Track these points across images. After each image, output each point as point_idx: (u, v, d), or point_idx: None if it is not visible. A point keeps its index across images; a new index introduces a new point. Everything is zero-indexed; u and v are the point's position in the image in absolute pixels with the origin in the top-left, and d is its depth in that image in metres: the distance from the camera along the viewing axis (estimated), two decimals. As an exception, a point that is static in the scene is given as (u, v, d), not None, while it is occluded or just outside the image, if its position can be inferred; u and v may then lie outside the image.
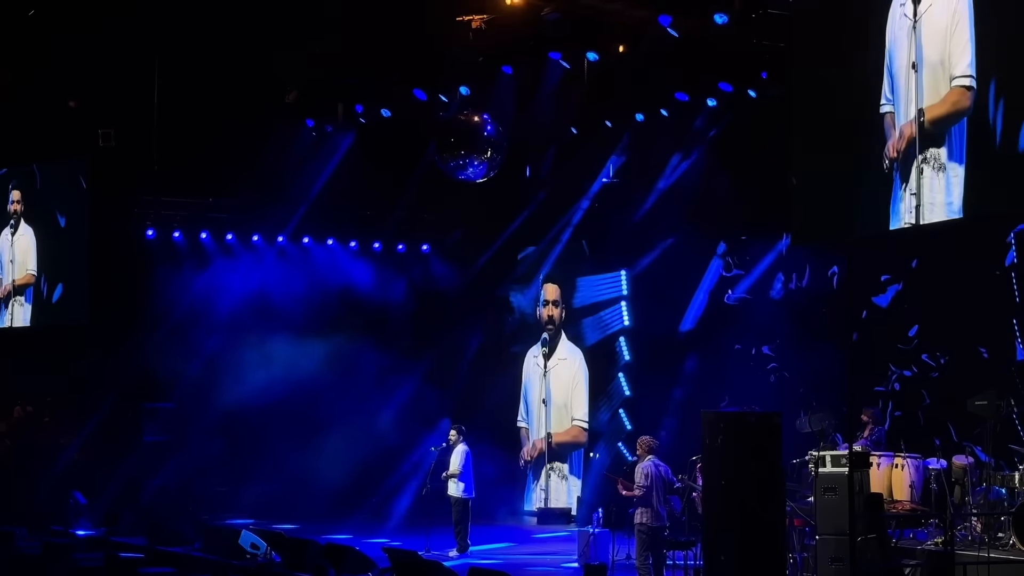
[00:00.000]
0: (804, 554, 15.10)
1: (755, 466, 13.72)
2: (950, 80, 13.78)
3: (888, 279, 19.14)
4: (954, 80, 13.75)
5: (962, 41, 13.63)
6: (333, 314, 24.07)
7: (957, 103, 13.77)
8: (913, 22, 14.31)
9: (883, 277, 19.13)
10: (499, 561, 18.28)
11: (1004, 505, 14.84)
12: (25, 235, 23.90)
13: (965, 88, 13.65)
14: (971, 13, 13.47)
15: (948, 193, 13.88)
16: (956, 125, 13.76)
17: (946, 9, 13.83)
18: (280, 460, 22.99)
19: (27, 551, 17.31)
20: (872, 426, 16.80)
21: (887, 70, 14.68)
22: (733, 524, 13.75)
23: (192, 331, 23.34)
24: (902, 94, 14.46)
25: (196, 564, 16.95)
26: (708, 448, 14.26)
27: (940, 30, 13.88)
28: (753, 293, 20.89)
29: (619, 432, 22.48)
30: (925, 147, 14.11)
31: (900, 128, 14.40)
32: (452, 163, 19.55)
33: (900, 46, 14.50)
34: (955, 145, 13.79)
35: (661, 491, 15.70)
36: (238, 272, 23.97)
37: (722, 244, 21.41)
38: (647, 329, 22.53)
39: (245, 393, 22.68)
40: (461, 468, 18.98)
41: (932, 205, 14.05)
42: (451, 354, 24.67)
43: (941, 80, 13.85)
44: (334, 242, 25.07)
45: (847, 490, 13.61)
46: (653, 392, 21.76)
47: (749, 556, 13.62)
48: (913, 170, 14.25)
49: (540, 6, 18.26)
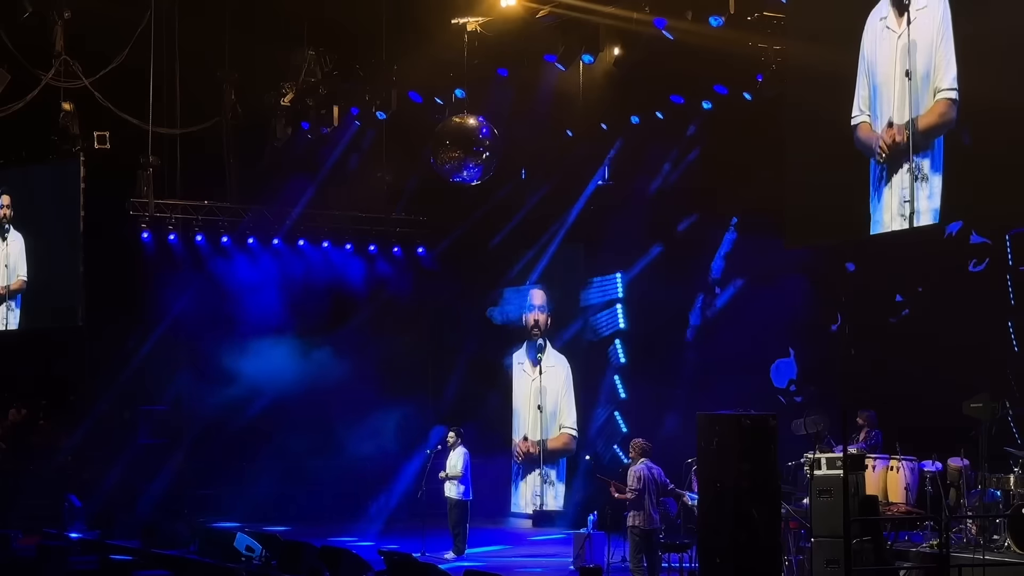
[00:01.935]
0: (799, 556, 15.11)
1: (750, 468, 13.72)
2: (935, 93, 13.93)
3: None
4: (939, 93, 13.89)
5: (947, 54, 13.77)
6: (328, 317, 24.07)
7: (944, 115, 13.91)
8: (898, 35, 14.42)
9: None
10: (494, 564, 18.26)
11: (999, 507, 14.85)
12: (16, 241, 23.83)
13: (950, 100, 13.79)
14: (951, 27, 13.67)
15: (932, 199, 14.01)
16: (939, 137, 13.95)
17: (931, 23, 13.97)
18: (275, 462, 22.97)
19: (21, 553, 17.33)
20: (868, 429, 16.80)
21: (868, 81, 14.78)
22: (728, 526, 13.75)
23: (187, 334, 23.33)
24: (887, 103, 14.56)
25: (191, 567, 16.97)
26: (703, 450, 14.26)
27: (927, 43, 14.02)
28: (745, 298, 20.90)
29: (614, 435, 22.47)
30: (913, 154, 14.23)
31: (888, 135, 14.49)
32: (448, 165, 19.56)
33: (884, 58, 14.59)
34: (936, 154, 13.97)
35: (654, 494, 15.69)
36: (233, 275, 23.95)
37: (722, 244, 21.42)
38: (642, 332, 22.53)
39: (240, 396, 22.68)
40: (463, 471, 18.94)
41: (919, 212, 14.15)
42: (446, 356, 24.65)
43: (926, 92, 14.01)
44: (329, 245, 25.06)
45: (842, 492, 13.62)
46: (648, 395, 21.75)
47: (744, 559, 13.62)
48: (906, 176, 14.31)
49: (536, 9, 18.26)
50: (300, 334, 23.59)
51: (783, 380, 20.33)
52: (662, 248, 21.96)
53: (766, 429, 13.94)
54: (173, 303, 23.36)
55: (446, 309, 24.81)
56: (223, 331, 23.24)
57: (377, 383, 23.65)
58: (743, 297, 20.77)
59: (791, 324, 19.98)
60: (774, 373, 20.46)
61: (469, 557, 18.73)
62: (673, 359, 21.66)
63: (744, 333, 20.75)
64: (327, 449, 23.15)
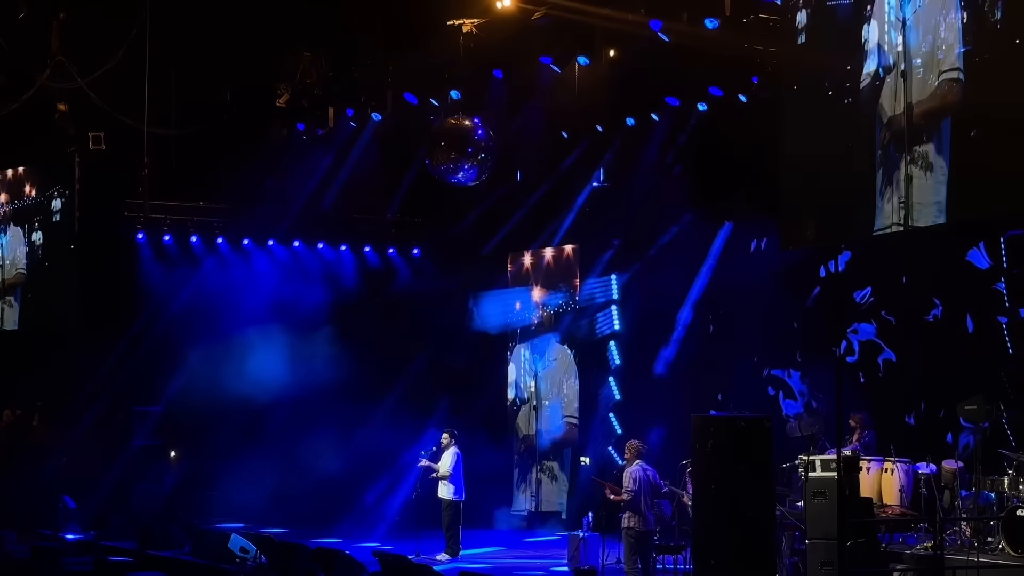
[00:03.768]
0: (794, 558, 15.10)
1: (745, 470, 13.72)
2: (939, 74, 13.82)
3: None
4: (943, 74, 13.79)
5: (951, 34, 13.68)
6: (323, 318, 24.06)
7: (945, 97, 13.80)
8: (903, 18, 14.37)
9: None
10: (489, 565, 18.27)
11: (993, 509, 14.86)
12: (14, 236, 23.88)
13: (953, 81, 13.68)
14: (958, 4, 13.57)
15: (936, 193, 13.94)
16: (944, 121, 13.81)
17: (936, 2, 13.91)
18: (270, 464, 22.93)
19: (16, 555, 17.30)
20: (861, 431, 16.81)
21: (878, 69, 14.76)
22: (723, 528, 13.76)
23: (182, 335, 23.31)
24: (892, 91, 14.52)
25: (185, 568, 16.94)
26: (698, 452, 14.26)
27: (931, 24, 13.92)
28: (741, 299, 20.91)
29: (609, 436, 22.48)
30: (912, 145, 14.15)
31: (887, 124, 14.48)
32: (443, 167, 19.57)
33: (889, 47, 14.56)
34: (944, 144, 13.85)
35: (649, 495, 15.69)
36: (228, 276, 23.94)
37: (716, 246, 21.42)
38: (637, 333, 22.53)
39: (235, 397, 22.66)
40: (451, 470, 18.95)
41: (920, 206, 14.11)
42: (442, 356, 24.63)
43: (931, 74, 13.90)
44: (324, 246, 25.05)
45: (837, 494, 13.62)
46: (643, 396, 21.76)
47: (739, 560, 13.63)
48: (903, 171, 14.30)
49: (531, 10, 18.26)
50: (294, 335, 23.57)
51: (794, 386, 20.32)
52: (657, 250, 21.96)
53: (761, 431, 13.95)
54: (168, 304, 23.35)
55: (441, 310, 24.79)
56: (218, 332, 23.21)
57: (372, 384, 23.66)
58: (739, 299, 20.76)
59: (789, 325, 20.00)
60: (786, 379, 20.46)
61: (464, 559, 18.73)
62: (668, 361, 21.66)
63: (740, 335, 20.77)
64: (322, 450, 23.12)
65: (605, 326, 23.04)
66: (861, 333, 19.11)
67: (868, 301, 19.05)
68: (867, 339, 19.03)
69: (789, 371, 20.19)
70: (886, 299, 18.86)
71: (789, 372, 20.19)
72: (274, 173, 23.72)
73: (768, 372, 20.47)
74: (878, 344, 18.89)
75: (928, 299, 18.17)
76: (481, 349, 24.69)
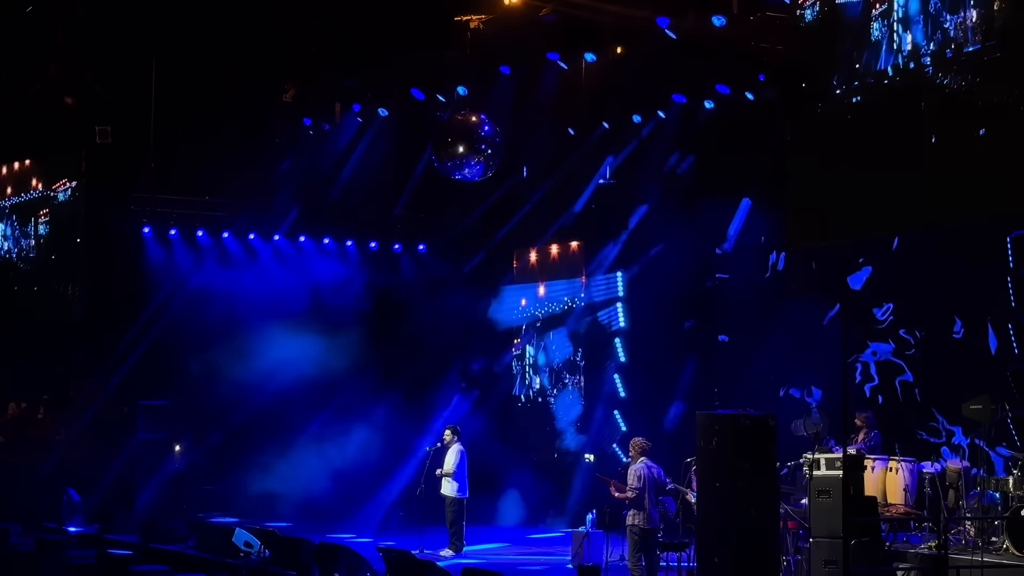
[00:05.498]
0: (798, 557, 15.09)
1: (749, 468, 13.71)
2: (949, 71, 13.84)
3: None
4: (953, 71, 13.80)
5: (961, 32, 13.69)
6: (329, 313, 24.05)
7: (955, 93, 13.82)
8: (912, 16, 14.38)
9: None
10: (493, 561, 18.26)
11: (998, 509, 14.85)
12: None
13: (962, 79, 13.70)
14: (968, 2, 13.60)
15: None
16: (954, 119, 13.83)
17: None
18: (274, 458, 22.95)
19: (20, 548, 17.33)
20: (866, 430, 16.79)
21: (886, 67, 14.75)
22: (727, 526, 13.74)
23: (187, 329, 23.31)
24: (901, 88, 14.52)
25: (189, 562, 16.95)
26: (702, 450, 14.25)
27: (940, 22, 13.93)
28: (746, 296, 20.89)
29: (613, 433, 22.47)
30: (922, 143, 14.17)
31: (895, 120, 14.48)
32: (449, 163, 19.56)
33: (898, 44, 14.56)
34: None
35: (653, 493, 15.67)
36: (234, 270, 23.95)
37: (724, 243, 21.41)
38: (643, 330, 22.52)
39: (239, 391, 22.67)
40: (455, 467, 18.95)
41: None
42: (448, 352, 24.64)
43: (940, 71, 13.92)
44: (330, 241, 25.06)
45: (841, 493, 13.61)
46: (648, 393, 21.75)
47: (743, 558, 13.61)
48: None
49: (538, 7, 18.26)
50: (300, 330, 23.56)
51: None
52: (663, 246, 21.93)
53: (765, 429, 13.93)
54: (173, 297, 23.36)
55: (447, 306, 24.79)
56: (223, 326, 23.21)
57: (377, 379, 23.65)
58: (744, 296, 20.75)
59: (792, 325, 19.97)
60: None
61: (468, 555, 18.73)
62: (673, 357, 21.65)
63: (745, 333, 20.75)
64: (326, 445, 23.12)
65: (611, 323, 23.03)
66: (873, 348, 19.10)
67: (888, 319, 18.97)
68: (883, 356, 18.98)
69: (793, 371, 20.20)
70: (905, 312, 18.72)
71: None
72: (281, 168, 23.72)
73: (773, 371, 20.46)
74: (896, 364, 18.87)
75: (945, 308, 18.06)
76: (486, 345, 24.69)
